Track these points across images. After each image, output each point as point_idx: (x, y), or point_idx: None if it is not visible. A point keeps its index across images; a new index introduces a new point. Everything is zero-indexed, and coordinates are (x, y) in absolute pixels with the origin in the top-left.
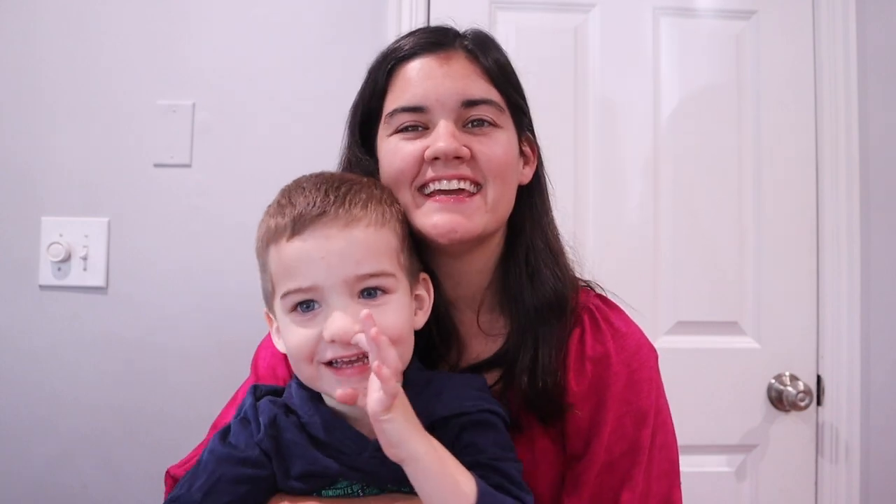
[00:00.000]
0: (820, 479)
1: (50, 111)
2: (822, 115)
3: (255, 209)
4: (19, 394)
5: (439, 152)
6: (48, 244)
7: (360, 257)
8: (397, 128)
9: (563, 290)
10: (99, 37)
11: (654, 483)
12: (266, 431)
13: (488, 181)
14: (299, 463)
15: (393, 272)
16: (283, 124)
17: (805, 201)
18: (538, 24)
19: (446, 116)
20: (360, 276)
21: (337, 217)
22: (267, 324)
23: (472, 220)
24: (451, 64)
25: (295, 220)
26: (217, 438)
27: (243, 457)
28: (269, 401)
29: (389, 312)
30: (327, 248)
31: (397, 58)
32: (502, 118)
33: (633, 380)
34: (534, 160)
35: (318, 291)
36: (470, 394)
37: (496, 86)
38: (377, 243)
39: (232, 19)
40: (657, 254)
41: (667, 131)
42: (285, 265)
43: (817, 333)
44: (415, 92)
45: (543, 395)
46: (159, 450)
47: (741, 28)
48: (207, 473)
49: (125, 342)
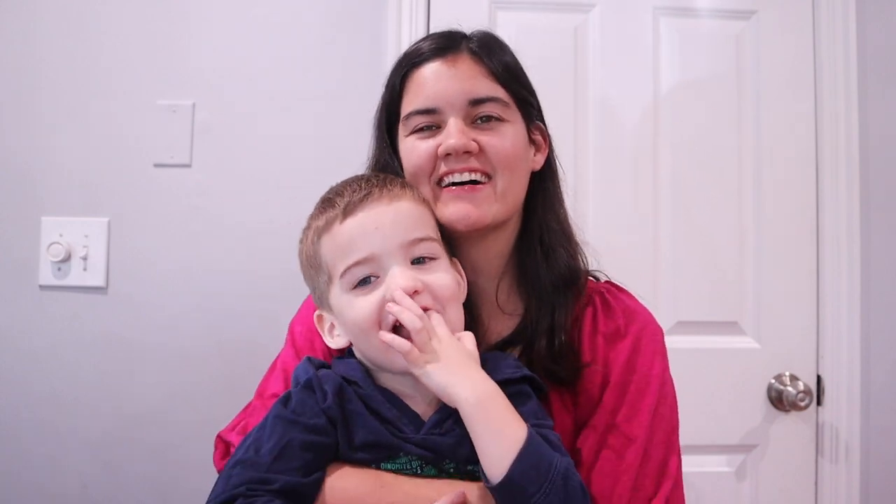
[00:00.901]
0: (820, 479)
1: (50, 111)
2: (822, 115)
3: (256, 209)
4: (19, 394)
5: (450, 148)
6: (48, 244)
7: (409, 224)
8: (413, 129)
9: (576, 267)
10: (99, 37)
11: (653, 448)
12: (334, 399)
13: (497, 172)
14: (362, 432)
15: (436, 238)
16: (283, 124)
17: (805, 201)
18: (538, 24)
19: (455, 115)
20: (412, 241)
21: (382, 195)
22: (318, 327)
23: (482, 207)
24: (457, 66)
25: (345, 207)
26: (280, 405)
27: (311, 423)
28: (333, 372)
29: (441, 272)
30: (380, 220)
31: (410, 63)
32: (508, 112)
33: (640, 350)
34: (545, 147)
35: (375, 261)
36: (510, 363)
37: (501, 83)
38: (421, 214)
39: (232, 19)
40: (657, 254)
41: (666, 131)
42: (341, 244)
43: (817, 333)
44: (426, 95)
45: (560, 355)
46: (159, 450)
47: (741, 28)
48: (277, 437)
49: (125, 342)
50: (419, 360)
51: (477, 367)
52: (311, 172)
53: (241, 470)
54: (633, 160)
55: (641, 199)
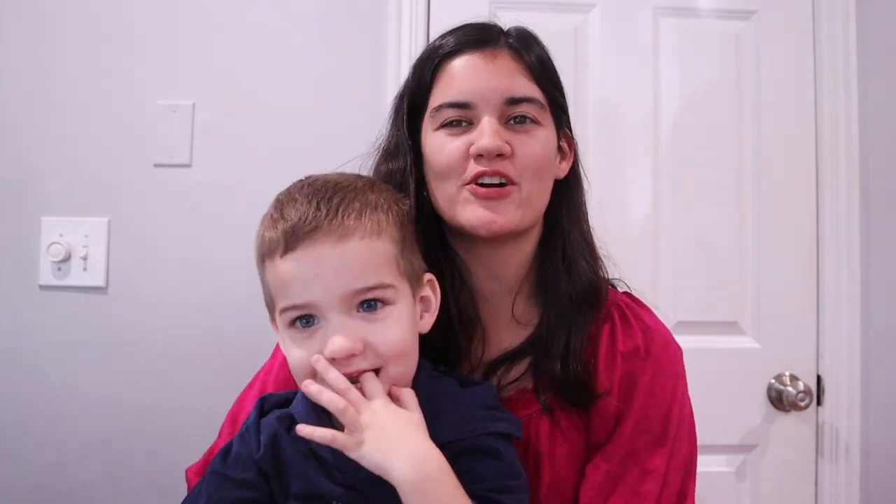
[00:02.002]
0: (820, 479)
1: (50, 111)
2: (822, 115)
3: (256, 209)
4: (19, 393)
5: (483, 149)
6: (48, 244)
7: (356, 272)
8: (443, 122)
9: (598, 282)
10: (99, 37)
11: (671, 475)
12: (266, 451)
13: (524, 178)
14: (297, 483)
15: (391, 283)
16: (283, 124)
17: (805, 201)
18: (538, 24)
19: (490, 113)
20: (356, 291)
21: (330, 231)
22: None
23: (506, 214)
24: (496, 61)
25: (287, 236)
26: (219, 457)
27: (241, 478)
28: (276, 417)
29: (390, 326)
30: (321, 266)
31: (443, 54)
32: (543, 116)
33: (661, 374)
34: (570, 155)
35: (314, 308)
36: (474, 414)
37: (538, 83)
38: (372, 255)
39: (232, 19)
40: (657, 254)
41: (666, 131)
42: (280, 282)
43: (817, 333)
44: (460, 88)
45: (575, 383)
46: (159, 450)
47: (741, 28)
48: (207, 496)
49: (125, 342)
50: (347, 444)
51: (419, 436)
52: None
53: None
54: (633, 160)
55: (641, 199)
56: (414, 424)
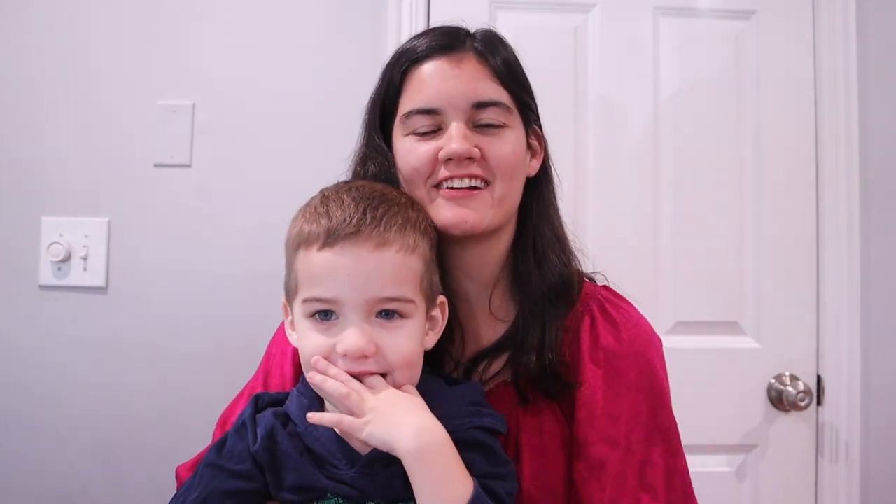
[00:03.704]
0: (820, 479)
1: (50, 111)
2: (822, 115)
3: (255, 209)
4: (19, 393)
5: (452, 153)
6: (48, 244)
7: (385, 281)
8: (412, 128)
9: (569, 275)
10: (99, 37)
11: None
12: (262, 443)
13: (496, 178)
14: (292, 476)
15: (413, 299)
16: (283, 124)
17: (805, 201)
18: (538, 24)
19: (458, 118)
20: (381, 298)
21: (370, 237)
22: (283, 314)
23: (479, 213)
24: (462, 66)
25: (329, 232)
26: (214, 449)
27: (235, 470)
28: (272, 412)
29: (402, 338)
30: (355, 267)
31: (411, 59)
32: (510, 118)
33: (647, 368)
34: (541, 152)
35: (338, 304)
36: (462, 409)
37: (505, 86)
38: (404, 269)
39: (232, 19)
40: (657, 254)
41: (666, 131)
42: (311, 272)
43: (817, 333)
44: (428, 94)
45: (550, 374)
46: (159, 449)
47: (741, 28)
48: (202, 486)
49: (125, 342)
50: (354, 425)
51: (421, 410)
52: (310, 173)
53: None
54: (633, 160)
55: (641, 199)
56: (416, 403)
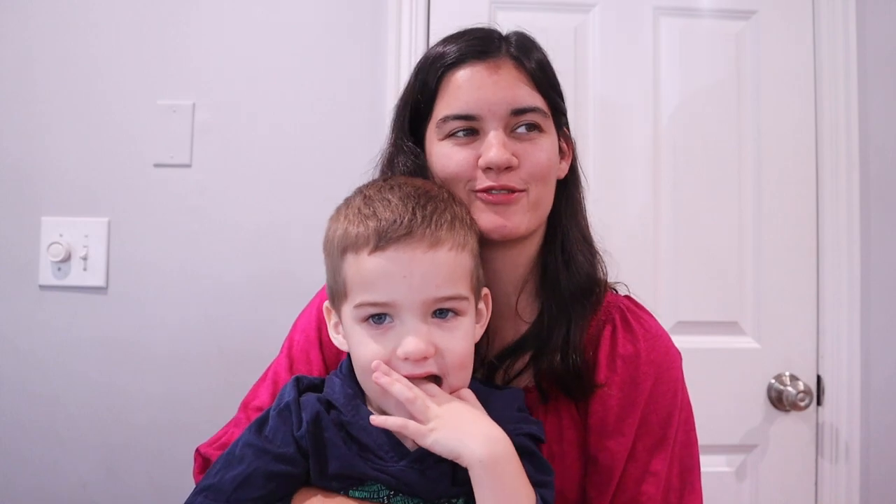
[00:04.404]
0: (820, 479)
1: (50, 111)
2: (822, 115)
3: (255, 209)
4: (19, 393)
5: (491, 163)
6: (48, 244)
7: (441, 280)
8: (449, 133)
9: (595, 275)
10: (99, 37)
11: (674, 477)
12: (308, 428)
13: (531, 185)
14: (335, 463)
15: (467, 295)
16: (283, 124)
17: (805, 201)
18: (538, 24)
19: (496, 125)
20: (438, 299)
21: (423, 238)
22: (325, 317)
23: (515, 218)
24: (499, 73)
25: (380, 235)
26: (254, 429)
27: (279, 453)
28: (315, 398)
29: (458, 337)
30: (410, 269)
31: (446, 64)
32: (546, 123)
33: (661, 379)
34: (569, 155)
35: (393, 307)
36: (511, 415)
37: (540, 91)
38: (458, 267)
39: (232, 20)
40: (657, 254)
41: (667, 131)
42: (364, 277)
43: (817, 333)
44: (467, 100)
45: (574, 373)
46: (159, 449)
47: (741, 28)
48: (244, 465)
49: (125, 342)
50: (420, 431)
51: (487, 420)
52: (310, 173)
53: (203, 500)
54: (633, 160)
55: (641, 199)
56: (478, 411)
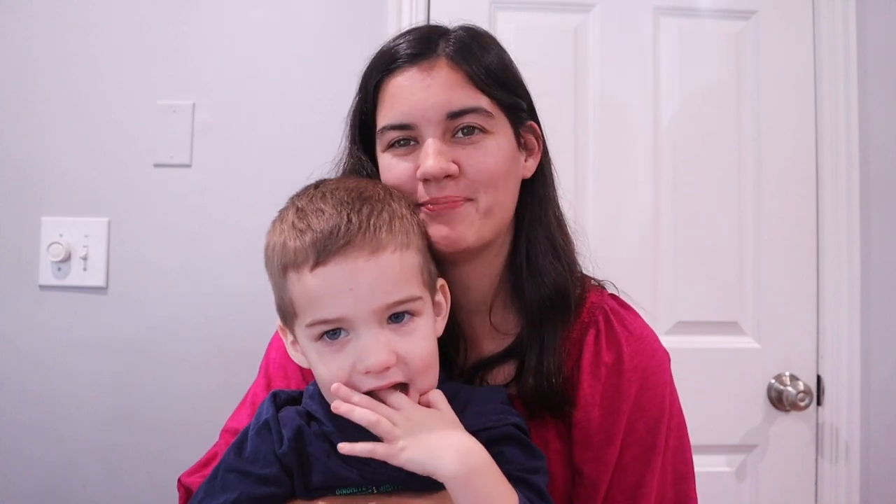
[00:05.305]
0: (820, 479)
1: (50, 111)
2: (822, 115)
3: (255, 209)
4: (19, 393)
5: (427, 174)
6: (48, 244)
7: (390, 286)
8: (388, 143)
9: (565, 283)
10: (99, 37)
11: (668, 487)
12: (290, 444)
13: (479, 192)
14: (319, 477)
15: (420, 294)
16: (282, 124)
17: (805, 201)
18: (538, 24)
19: (432, 132)
20: (389, 305)
21: (363, 245)
22: (282, 336)
23: (460, 228)
24: (433, 75)
25: (318, 249)
26: (233, 452)
27: (262, 474)
28: (295, 411)
29: (418, 339)
30: (356, 280)
31: (383, 70)
32: (491, 123)
33: (647, 385)
34: (538, 151)
35: (346, 321)
36: (495, 407)
37: (482, 89)
38: (405, 268)
39: (232, 20)
40: (657, 254)
41: (667, 131)
42: (309, 295)
43: (817, 333)
44: (401, 109)
45: (551, 395)
46: (158, 449)
47: (741, 28)
48: (227, 493)
49: (125, 342)
50: (390, 452)
51: (457, 432)
52: (310, 173)
53: None
54: (634, 160)
55: (641, 200)
56: (449, 422)
